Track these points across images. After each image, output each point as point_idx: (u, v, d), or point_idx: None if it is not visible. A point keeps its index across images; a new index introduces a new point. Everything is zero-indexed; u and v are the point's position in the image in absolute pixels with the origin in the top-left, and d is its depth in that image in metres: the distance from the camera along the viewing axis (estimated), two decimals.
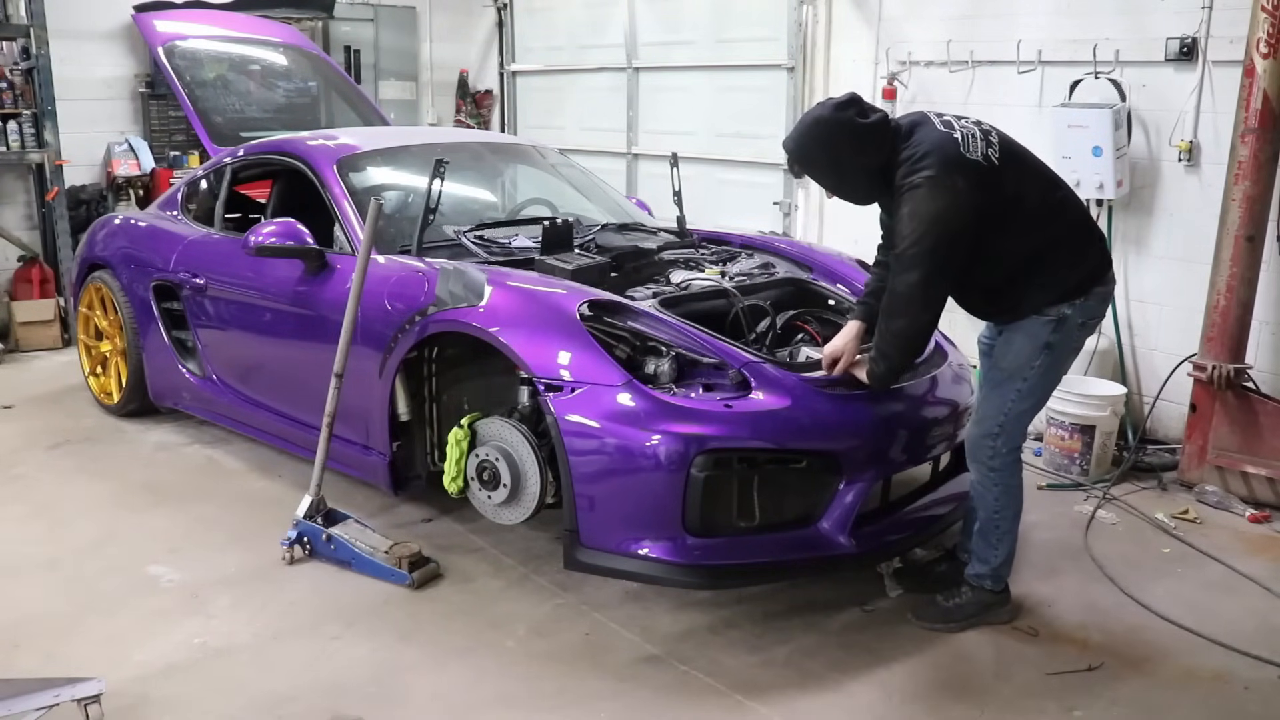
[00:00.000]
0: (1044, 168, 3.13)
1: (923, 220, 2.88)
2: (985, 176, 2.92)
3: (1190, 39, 4.57)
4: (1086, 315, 3.07)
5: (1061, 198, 3.09)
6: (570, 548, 3.17)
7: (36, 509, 4.11)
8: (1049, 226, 3.04)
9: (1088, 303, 3.06)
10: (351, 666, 3.03)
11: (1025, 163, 3.07)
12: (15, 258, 6.66)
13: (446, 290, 3.52)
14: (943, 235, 2.89)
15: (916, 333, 3.04)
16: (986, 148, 2.96)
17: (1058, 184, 3.11)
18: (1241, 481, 4.30)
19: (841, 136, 2.96)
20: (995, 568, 3.25)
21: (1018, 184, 3.00)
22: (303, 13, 7.53)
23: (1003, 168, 2.96)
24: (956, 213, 2.88)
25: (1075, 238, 3.07)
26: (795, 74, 6.27)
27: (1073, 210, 3.11)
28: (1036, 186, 3.05)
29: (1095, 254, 3.10)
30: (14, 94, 6.31)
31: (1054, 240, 3.03)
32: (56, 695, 2.54)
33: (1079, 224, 3.10)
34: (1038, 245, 3.02)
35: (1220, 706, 2.91)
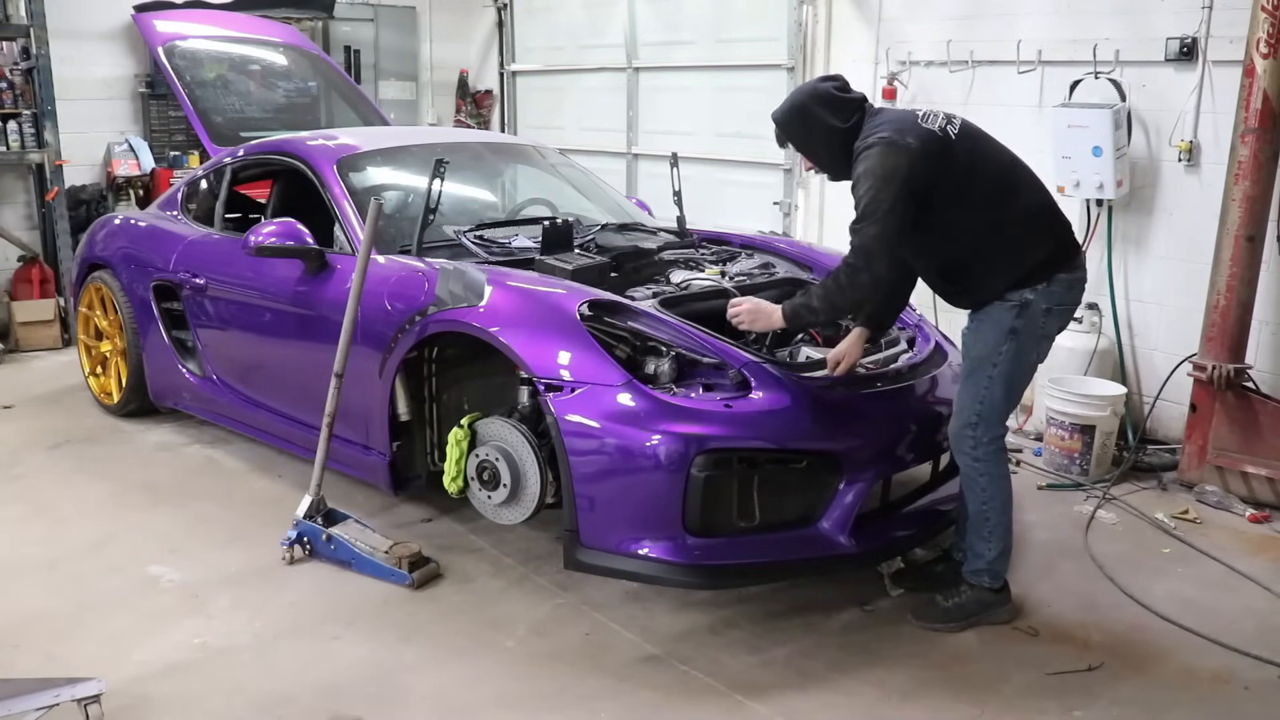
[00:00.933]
0: (1005, 153, 3.20)
1: (876, 177, 2.97)
2: (938, 143, 3.03)
3: (1190, 39, 4.57)
4: (1051, 301, 3.10)
5: (1017, 181, 3.15)
6: (570, 548, 3.17)
7: (36, 509, 4.11)
8: (1002, 207, 3.09)
9: (1051, 289, 3.09)
10: (351, 666, 3.03)
11: (982, 143, 3.16)
12: (15, 258, 6.66)
13: (446, 290, 3.52)
14: (898, 191, 2.97)
15: (874, 282, 3.08)
16: (945, 124, 3.09)
17: (1016, 169, 3.17)
18: (1241, 481, 4.30)
19: (817, 103, 3.14)
20: (991, 562, 3.26)
21: (971, 158, 3.08)
22: (303, 13, 7.53)
23: (957, 141, 3.07)
24: (909, 169, 2.97)
25: (1031, 221, 3.12)
26: (795, 74, 6.26)
27: (1030, 194, 3.15)
28: (992, 166, 3.12)
29: (1054, 239, 3.14)
30: (14, 94, 6.30)
31: (1007, 221, 3.09)
32: (56, 695, 2.54)
33: (1036, 208, 3.14)
34: (990, 223, 3.08)
35: (1220, 706, 2.91)
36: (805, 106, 3.16)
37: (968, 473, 3.23)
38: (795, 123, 3.19)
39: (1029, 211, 3.13)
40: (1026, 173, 3.19)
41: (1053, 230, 3.15)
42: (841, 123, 3.12)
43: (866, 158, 3.02)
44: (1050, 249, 3.11)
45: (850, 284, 3.07)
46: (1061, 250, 3.14)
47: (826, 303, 3.13)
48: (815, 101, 3.14)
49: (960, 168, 3.05)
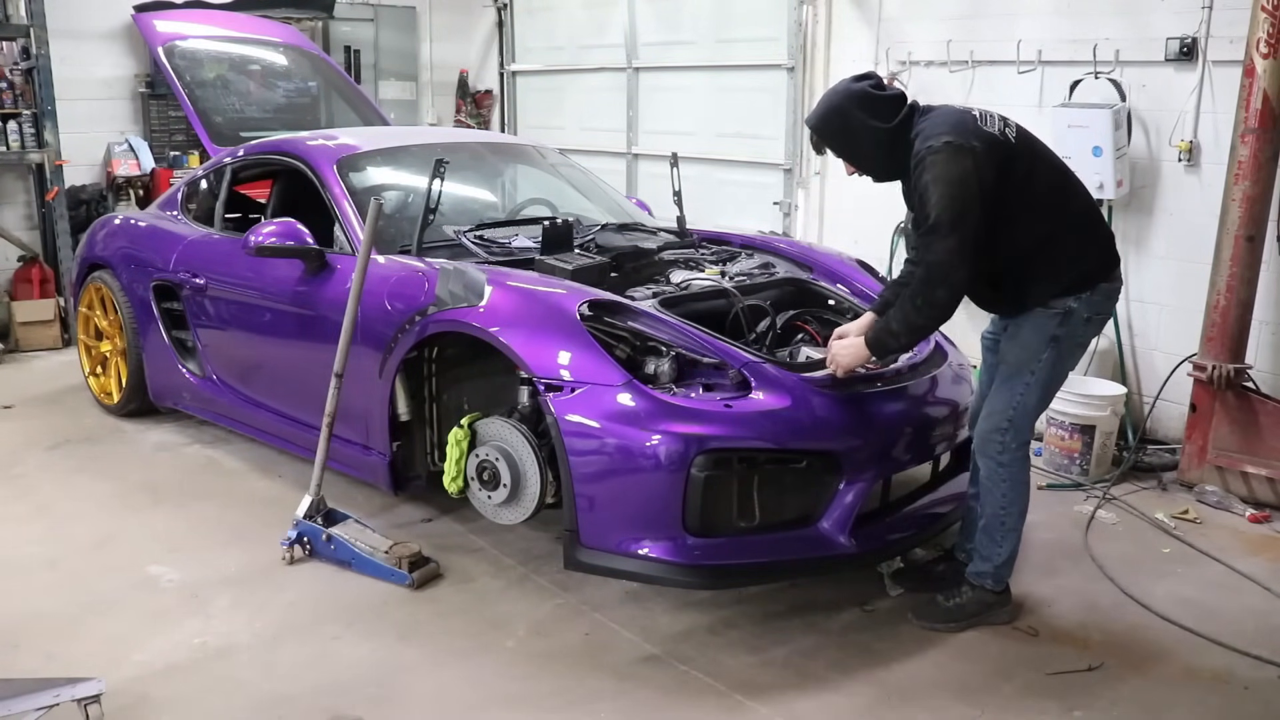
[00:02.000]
0: (1056, 159, 3.15)
1: (949, 184, 2.86)
2: (1001, 149, 2.95)
3: (1190, 39, 4.57)
4: (1092, 311, 3.08)
5: (1070, 190, 3.10)
6: (570, 548, 3.17)
7: (36, 509, 4.11)
8: (1056, 215, 3.04)
9: (1093, 298, 3.06)
10: (351, 666, 3.03)
11: (1038, 149, 3.10)
12: (15, 258, 6.66)
13: (446, 290, 3.52)
14: (970, 198, 2.87)
15: (954, 298, 2.96)
16: (1004, 126, 3.02)
17: (1068, 176, 3.13)
18: (1241, 481, 4.30)
19: (855, 103, 3.03)
20: (997, 566, 3.25)
21: (1030, 165, 3.01)
22: (303, 13, 7.53)
23: (1018, 145, 3.01)
24: (978, 175, 2.88)
25: (1081, 230, 3.08)
26: (795, 74, 6.27)
27: (1080, 202, 3.10)
28: (1047, 173, 3.06)
29: (1101, 249, 3.11)
30: (14, 94, 6.31)
31: (1059, 230, 3.04)
32: (56, 695, 2.54)
33: (1086, 217, 3.11)
34: (1043, 233, 3.02)
35: (1220, 706, 2.91)
36: (843, 109, 3.04)
37: (990, 476, 3.20)
38: (834, 127, 3.08)
39: (1081, 218, 3.09)
40: (1075, 179, 3.15)
41: (1098, 238, 3.12)
42: (884, 123, 3.01)
43: (932, 164, 2.89)
44: (1098, 257, 3.09)
45: (929, 304, 2.95)
46: (1106, 258, 3.12)
47: (906, 325, 3.02)
48: (853, 103, 3.03)
49: (1021, 172, 2.98)
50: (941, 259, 2.90)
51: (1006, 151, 2.96)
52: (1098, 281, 3.07)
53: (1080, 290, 3.04)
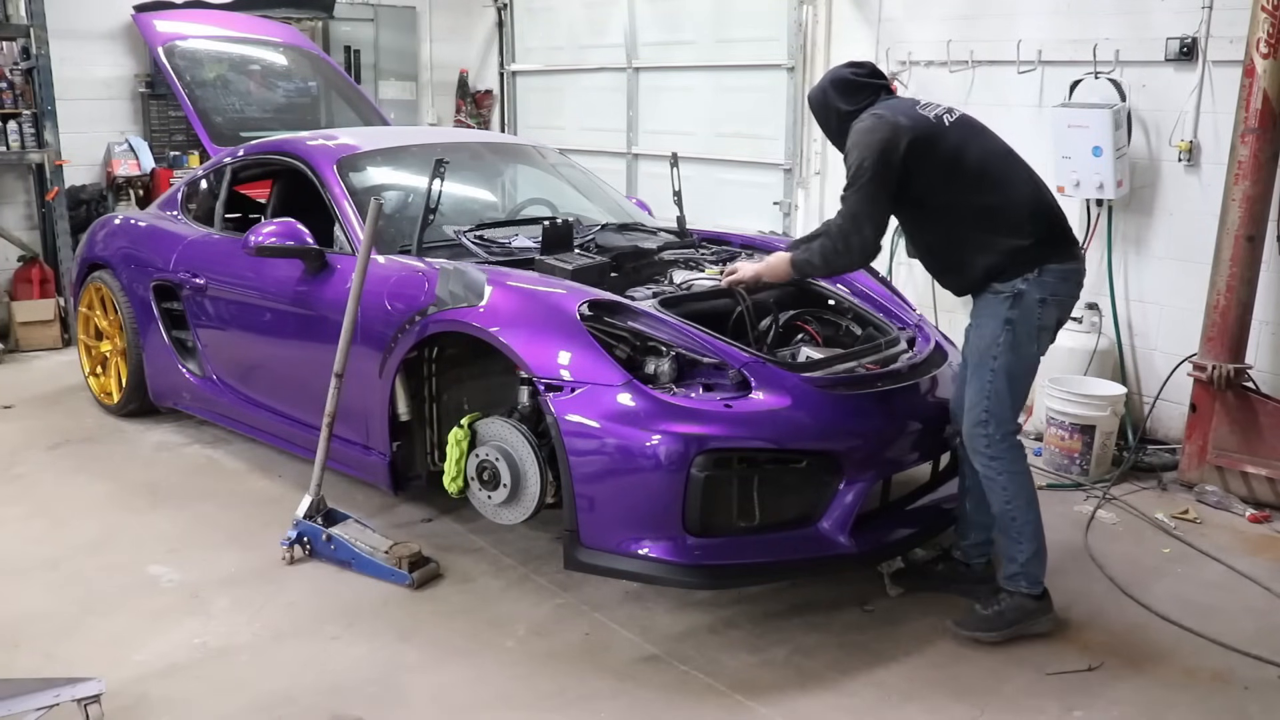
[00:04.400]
0: (999, 144, 3.26)
1: (866, 148, 3.08)
2: (928, 127, 3.13)
3: (1190, 39, 4.57)
4: (1045, 292, 3.10)
5: (1007, 172, 3.18)
6: (570, 548, 3.17)
7: (36, 509, 4.11)
8: (986, 194, 3.13)
9: (1043, 279, 3.09)
10: (351, 666, 3.03)
11: (976, 132, 3.23)
12: (15, 258, 6.66)
13: (446, 290, 3.52)
14: (883, 164, 3.06)
15: (864, 248, 3.17)
16: (945, 113, 3.21)
17: (1009, 160, 3.22)
18: (1241, 481, 4.30)
19: (833, 84, 3.28)
20: (1025, 564, 3.20)
21: (960, 145, 3.15)
22: (303, 13, 7.53)
23: (950, 129, 3.17)
24: (893, 142, 3.06)
25: (1018, 209, 3.14)
26: (795, 74, 6.27)
27: (1017, 186, 3.17)
28: (981, 155, 3.17)
29: (1044, 228, 3.14)
30: (14, 94, 6.30)
31: (989, 207, 3.12)
32: (56, 695, 2.54)
33: (1021, 198, 3.16)
34: (973, 208, 3.13)
35: (1220, 706, 2.91)
36: (824, 88, 3.29)
37: (986, 474, 3.19)
38: (816, 104, 3.34)
39: (1012, 201, 3.15)
40: (1019, 165, 3.23)
41: (1036, 220, 3.14)
42: (848, 105, 3.23)
43: (856, 131, 3.15)
44: (1034, 238, 3.11)
45: (845, 247, 3.17)
46: (1050, 241, 3.14)
47: (824, 260, 3.24)
48: (832, 85, 3.27)
49: (948, 152, 3.12)
50: (855, 211, 3.12)
51: (934, 132, 3.13)
52: (1045, 262, 3.10)
53: (1024, 271, 3.09)
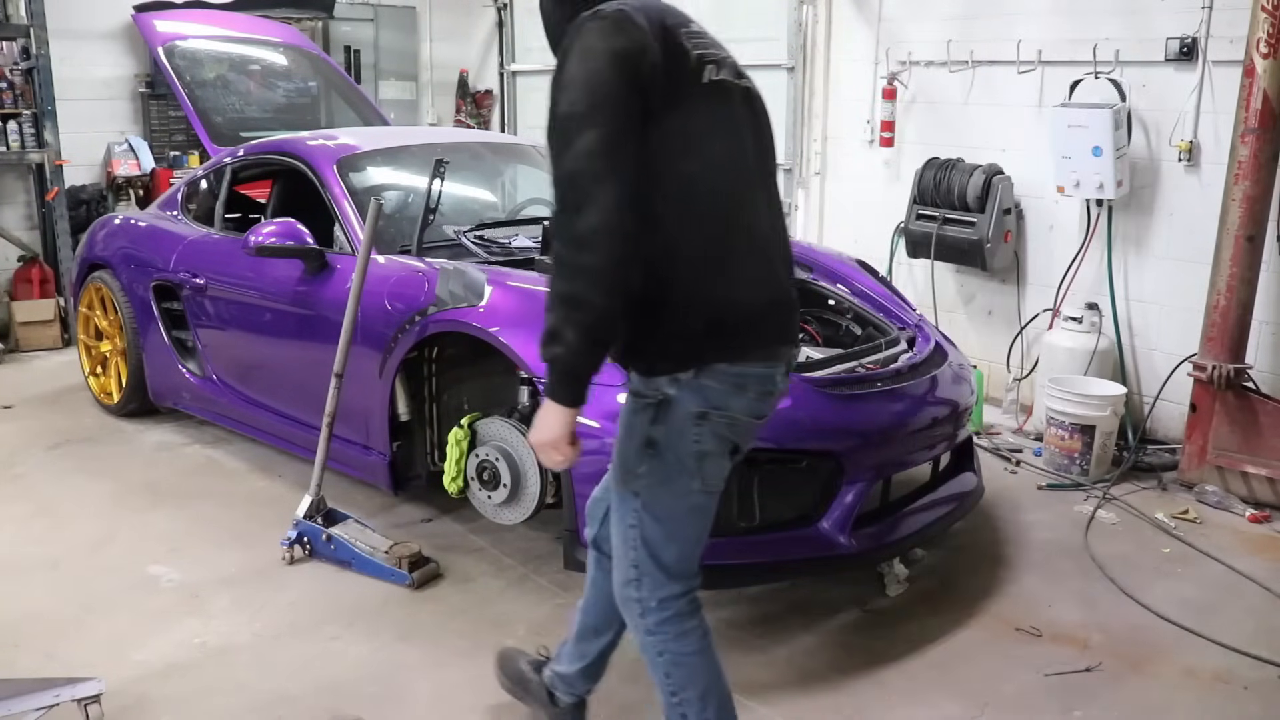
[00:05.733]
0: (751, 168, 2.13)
1: (585, 64, 1.93)
2: (683, 73, 2.00)
3: (1190, 39, 4.57)
4: (707, 403, 2.03)
5: (734, 207, 2.06)
6: (570, 548, 3.17)
7: (36, 509, 4.11)
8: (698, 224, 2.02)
9: (702, 380, 2.02)
10: (351, 666, 3.03)
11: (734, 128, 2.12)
12: (15, 258, 6.65)
13: (446, 290, 3.52)
14: (620, 86, 1.90)
15: (610, 235, 1.86)
16: (716, 67, 2.09)
17: (747, 191, 2.10)
18: (1241, 481, 4.30)
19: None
20: None
21: (694, 129, 2.02)
22: (303, 13, 7.53)
23: (707, 92, 2.04)
24: (638, 56, 1.92)
25: (716, 261, 2.01)
26: (795, 74, 6.27)
27: (737, 229, 2.06)
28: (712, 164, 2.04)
29: (743, 300, 2.05)
30: (14, 94, 6.30)
31: (693, 244, 2.00)
32: (56, 695, 2.55)
33: (736, 247, 2.05)
34: (672, 237, 1.98)
35: (1220, 706, 2.91)
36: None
37: (640, 645, 2.23)
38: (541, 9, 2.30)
39: (725, 246, 2.03)
40: (751, 198, 2.11)
41: (740, 285, 2.04)
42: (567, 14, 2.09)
43: (573, 49, 1.98)
44: (728, 311, 2.03)
45: (576, 245, 1.91)
46: (743, 322, 2.05)
47: (557, 307, 1.94)
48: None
49: (674, 128, 1.99)
50: (581, 167, 1.87)
51: (686, 79, 2.01)
52: (712, 358, 2.02)
53: (687, 363, 2.01)
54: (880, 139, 5.84)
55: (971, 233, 5.20)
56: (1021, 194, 5.29)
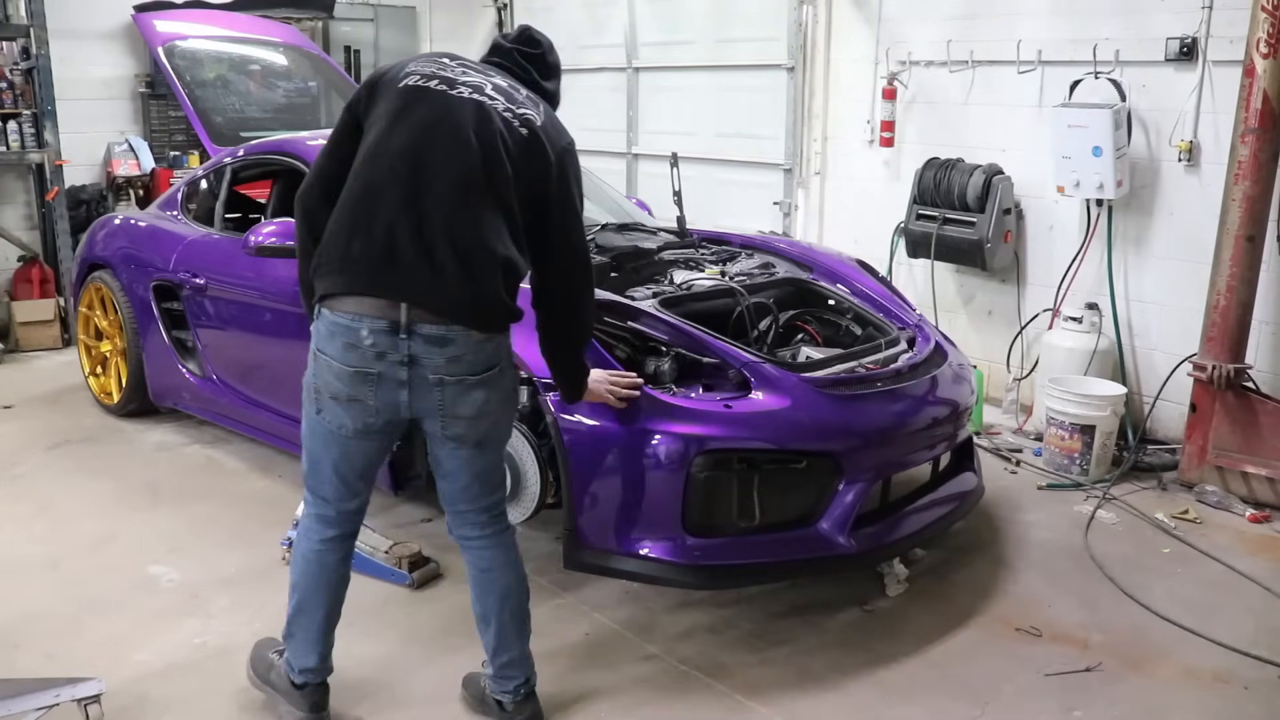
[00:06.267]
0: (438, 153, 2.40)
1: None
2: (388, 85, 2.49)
3: (1190, 39, 4.57)
4: (319, 337, 2.43)
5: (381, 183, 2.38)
6: (570, 548, 3.17)
7: (37, 509, 4.11)
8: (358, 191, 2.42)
9: (318, 325, 2.44)
10: (351, 666, 3.03)
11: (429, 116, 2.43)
12: (15, 258, 6.65)
13: None
14: (338, 127, 2.55)
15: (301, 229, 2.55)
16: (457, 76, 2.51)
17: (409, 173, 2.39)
18: (1241, 481, 4.30)
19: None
20: (285, 636, 2.71)
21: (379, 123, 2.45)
22: (303, 13, 7.53)
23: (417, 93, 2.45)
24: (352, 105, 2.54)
25: (356, 219, 2.39)
26: (795, 74, 6.27)
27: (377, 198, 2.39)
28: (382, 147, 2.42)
29: (354, 257, 2.37)
30: (14, 94, 6.30)
31: (346, 204, 2.43)
32: (56, 695, 2.54)
33: (366, 212, 2.39)
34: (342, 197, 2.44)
35: (1220, 706, 2.91)
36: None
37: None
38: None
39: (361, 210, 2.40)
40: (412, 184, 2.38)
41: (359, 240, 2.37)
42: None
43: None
44: (347, 262, 2.38)
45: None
46: (355, 276, 2.37)
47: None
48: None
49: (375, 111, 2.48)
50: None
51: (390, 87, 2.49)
52: (330, 295, 2.40)
53: (322, 296, 2.42)
54: (880, 139, 5.84)
55: (971, 233, 5.20)
56: (1021, 194, 5.29)
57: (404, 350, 2.37)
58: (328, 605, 2.64)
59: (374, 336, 2.36)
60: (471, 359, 2.43)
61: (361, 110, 2.51)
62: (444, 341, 2.38)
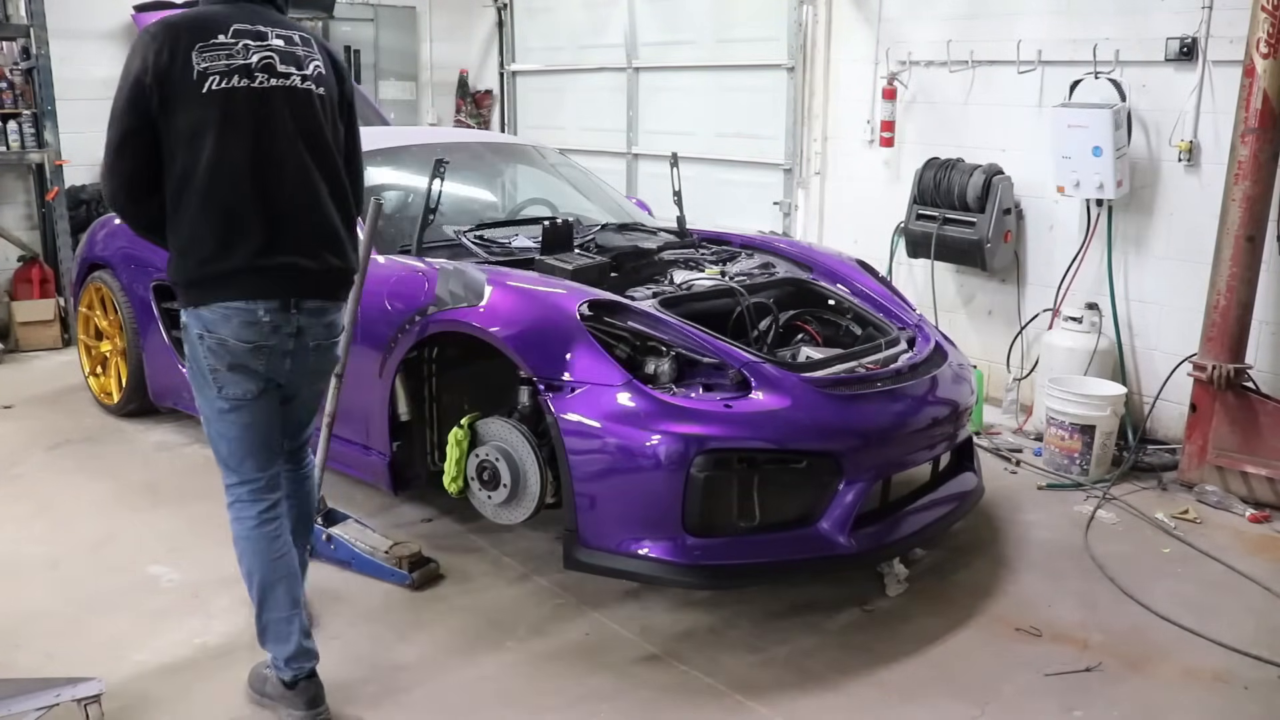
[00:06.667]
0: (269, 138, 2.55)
1: (122, 73, 2.52)
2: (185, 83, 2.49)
3: (1190, 39, 4.57)
4: (204, 327, 2.57)
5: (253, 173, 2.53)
6: (570, 548, 3.17)
7: (37, 509, 4.11)
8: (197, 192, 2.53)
9: (202, 312, 2.57)
10: (351, 666, 3.03)
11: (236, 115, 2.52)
12: (15, 258, 6.65)
13: (446, 290, 3.52)
14: (126, 97, 2.49)
15: (121, 211, 2.63)
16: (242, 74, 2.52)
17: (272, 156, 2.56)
18: (1241, 481, 4.30)
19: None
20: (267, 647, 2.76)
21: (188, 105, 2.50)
22: (303, 13, 7.52)
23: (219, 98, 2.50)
24: (141, 73, 2.48)
25: (217, 219, 2.53)
26: (795, 74, 6.27)
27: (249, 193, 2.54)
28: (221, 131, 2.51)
29: (235, 253, 2.54)
30: (14, 94, 6.31)
31: (191, 205, 2.53)
32: (56, 695, 2.55)
33: (240, 207, 2.54)
34: (176, 191, 2.55)
35: (1220, 706, 2.91)
36: None
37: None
38: None
39: (231, 206, 2.54)
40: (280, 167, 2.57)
41: (237, 237, 2.54)
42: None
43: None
44: (221, 260, 2.54)
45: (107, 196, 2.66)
46: (235, 269, 2.55)
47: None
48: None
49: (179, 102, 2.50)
50: (103, 159, 2.57)
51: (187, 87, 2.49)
52: (212, 296, 2.55)
53: (192, 297, 2.58)
54: (880, 139, 5.84)
55: (971, 233, 5.20)
56: (1021, 194, 5.29)
57: (294, 324, 2.64)
58: (286, 579, 2.74)
59: (270, 315, 2.60)
60: (338, 323, 2.80)
61: (155, 110, 2.50)
62: (323, 313, 2.70)
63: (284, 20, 2.70)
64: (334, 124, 2.71)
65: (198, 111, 2.50)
